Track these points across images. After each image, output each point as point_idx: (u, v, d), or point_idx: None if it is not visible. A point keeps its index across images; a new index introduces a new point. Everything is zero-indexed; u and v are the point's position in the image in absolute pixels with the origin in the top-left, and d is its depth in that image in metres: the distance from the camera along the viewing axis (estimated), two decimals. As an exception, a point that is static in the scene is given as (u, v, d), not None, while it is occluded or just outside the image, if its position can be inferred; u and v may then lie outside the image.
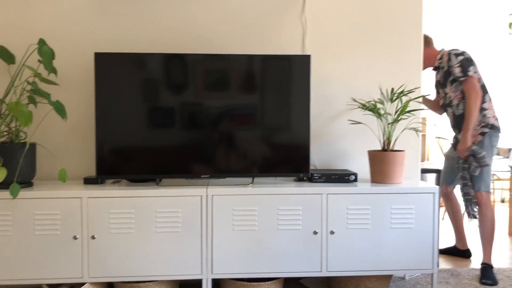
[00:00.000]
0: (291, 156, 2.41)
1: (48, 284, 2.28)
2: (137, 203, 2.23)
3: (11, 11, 2.53)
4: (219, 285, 2.44)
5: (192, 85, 2.36)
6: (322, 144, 2.69)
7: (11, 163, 2.20)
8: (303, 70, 2.39)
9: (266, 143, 2.40)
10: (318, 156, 2.69)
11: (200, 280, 2.29)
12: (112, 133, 2.33)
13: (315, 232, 2.30)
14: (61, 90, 2.54)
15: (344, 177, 2.43)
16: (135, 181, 2.46)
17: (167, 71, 2.35)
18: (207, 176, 2.37)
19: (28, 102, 2.28)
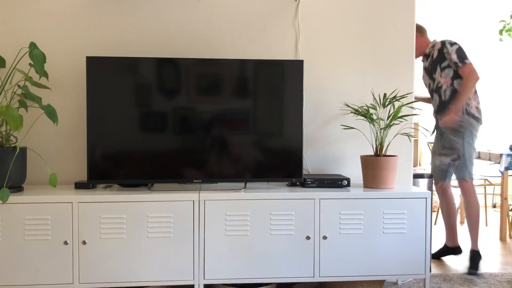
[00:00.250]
0: (284, 161, 2.40)
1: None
2: (128, 208, 2.21)
3: (1, 14, 2.51)
4: (211, 290, 2.43)
5: (185, 90, 2.35)
6: (315, 149, 2.69)
7: (1, 167, 2.18)
8: (296, 75, 2.39)
9: (259, 148, 2.40)
10: (311, 161, 2.69)
11: (192, 285, 2.27)
12: (104, 137, 2.32)
13: (307, 237, 2.29)
14: (52, 94, 2.52)
15: (336, 182, 2.43)
16: (126, 185, 2.45)
17: (160, 76, 2.34)
18: (199, 181, 2.36)
19: (19, 106, 2.27)
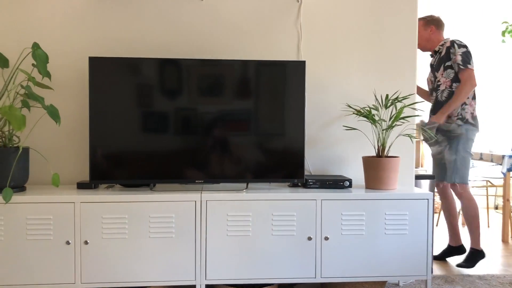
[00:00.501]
0: (286, 161, 2.40)
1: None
2: (130, 208, 2.22)
3: (5, 15, 2.52)
4: (213, 291, 2.43)
5: (187, 90, 2.36)
6: (317, 150, 2.69)
7: (4, 167, 2.18)
8: (298, 76, 2.39)
9: (261, 148, 2.40)
10: (313, 162, 2.69)
11: (194, 286, 2.28)
12: (106, 137, 2.32)
13: (309, 238, 2.29)
14: (54, 94, 2.53)
15: (338, 183, 2.43)
16: (129, 186, 2.45)
17: (162, 76, 2.35)
18: (201, 182, 2.37)
19: (22, 106, 2.27)
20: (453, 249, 3.30)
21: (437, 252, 3.35)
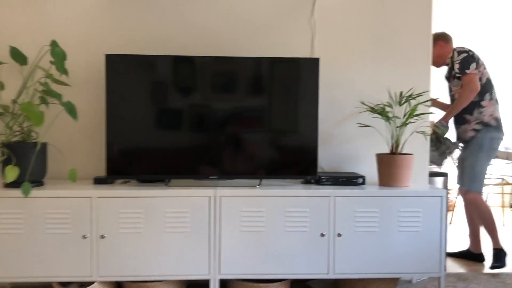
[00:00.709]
0: (299, 158, 2.42)
1: (58, 282, 2.31)
2: (146, 203, 2.25)
3: (23, 13, 2.57)
4: (226, 286, 2.45)
5: (201, 87, 2.38)
6: (330, 147, 2.70)
7: (23, 162, 2.23)
8: (311, 73, 2.40)
9: (274, 145, 2.41)
10: (326, 159, 2.70)
11: (208, 280, 2.30)
12: (122, 134, 2.36)
13: (322, 235, 2.31)
14: (71, 90, 2.57)
15: (352, 180, 2.44)
16: (144, 181, 2.49)
17: (176, 73, 2.37)
18: (215, 178, 2.39)
19: (40, 102, 2.32)
20: (472, 255, 3.26)
21: (453, 250, 3.33)
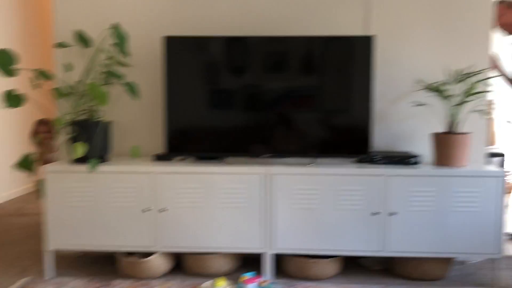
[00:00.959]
0: (351, 137, 2.42)
1: (122, 252, 2.47)
2: (203, 179, 2.35)
3: (88, -3, 2.70)
4: (279, 260, 2.53)
5: (253, 67, 2.42)
6: (384, 126, 2.68)
7: (89, 139, 2.38)
8: (365, 51, 2.38)
9: (326, 125, 2.43)
10: (380, 138, 2.68)
11: (260, 254, 2.39)
12: (180, 113, 2.45)
13: (375, 213, 2.32)
14: (131, 71, 2.68)
15: (405, 159, 2.42)
16: (200, 159, 2.58)
17: (229, 54, 2.43)
18: (267, 156, 2.45)
19: (104, 83, 2.45)
20: None
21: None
